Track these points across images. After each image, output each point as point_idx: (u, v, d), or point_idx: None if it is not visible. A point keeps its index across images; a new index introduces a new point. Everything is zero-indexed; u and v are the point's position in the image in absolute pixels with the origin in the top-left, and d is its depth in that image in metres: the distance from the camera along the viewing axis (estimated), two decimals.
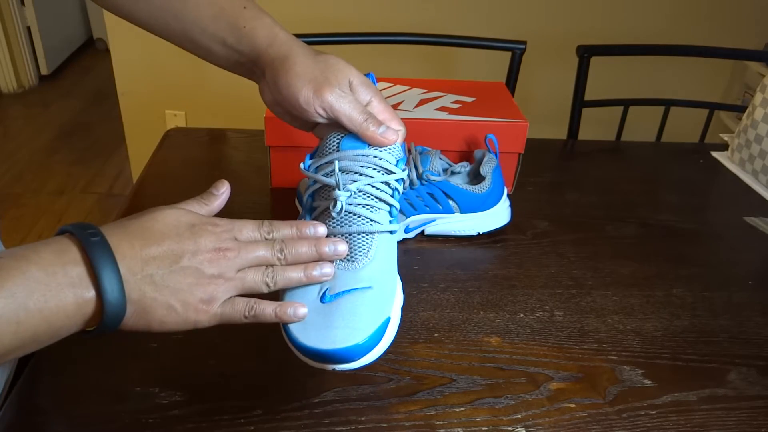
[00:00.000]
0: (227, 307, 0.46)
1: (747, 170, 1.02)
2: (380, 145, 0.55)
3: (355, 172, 0.54)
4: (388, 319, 0.51)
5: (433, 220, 0.79)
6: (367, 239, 0.53)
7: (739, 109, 1.36)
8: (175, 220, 0.46)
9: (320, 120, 0.56)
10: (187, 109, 2.06)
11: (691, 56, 1.34)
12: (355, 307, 0.50)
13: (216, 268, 0.45)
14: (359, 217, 0.53)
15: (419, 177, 0.76)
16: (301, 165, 0.56)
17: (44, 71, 3.29)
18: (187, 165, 0.97)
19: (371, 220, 0.53)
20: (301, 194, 0.81)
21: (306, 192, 0.57)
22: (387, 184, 0.55)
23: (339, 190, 0.52)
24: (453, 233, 0.81)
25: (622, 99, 1.31)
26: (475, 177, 0.82)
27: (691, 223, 0.89)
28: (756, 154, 1.00)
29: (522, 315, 0.69)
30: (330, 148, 0.56)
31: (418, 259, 0.77)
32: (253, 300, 0.47)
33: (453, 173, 0.80)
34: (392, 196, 0.55)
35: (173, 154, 1.00)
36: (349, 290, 0.51)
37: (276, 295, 0.51)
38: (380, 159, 0.55)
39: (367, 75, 0.59)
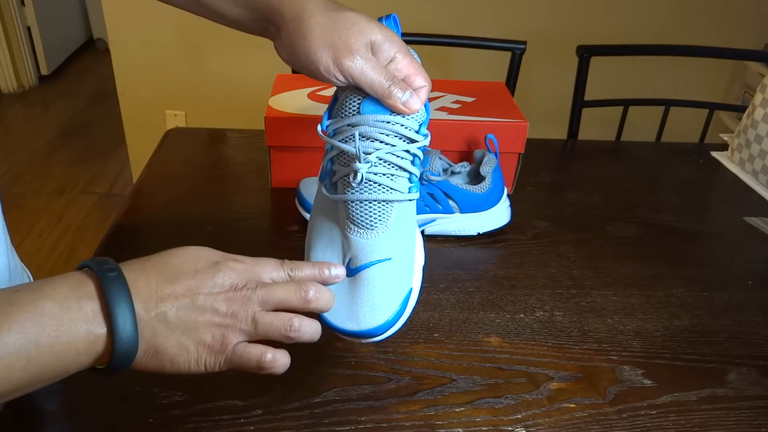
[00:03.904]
0: (239, 352, 0.44)
1: (747, 170, 1.02)
2: (403, 114, 0.52)
3: (376, 139, 0.52)
4: (410, 291, 0.52)
5: (433, 220, 0.79)
6: (386, 207, 0.53)
7: (739, 109, 1.36)
8: (196, 256, 0.45)
9: (341, 85, 0.54)
10: (187, 109, 2.06)
11: (691, 56, 1.34)
12: (377, 282, 0.50)
13: (231, 307, 0.43)
14: (379, 185, 0.52)
15: (419, 177, 0.76)
16: (319, 127, 0.54)
17: (44, 71, 3.29)
18: (187, 165, 0.97)
19: (391, 189, 0.53)
20: (301, 194, 0.81)
21: (325, 156, 0.55)
22: (408, 151, 0.53)
23: (359, 162, 0.51)
24: (453, 233, 0.81)
25: (622, 99, 1.31)
26: (475, 177, 0.82)
27: (691, 223, 0.89)
28: (756, 154, 1.00)
29: (522, 315, 0.69)
30: (350, 110, 0.53)
31: None
32: (270, 350, 0.45)
33: (453, 173, 0.80)
34: (413, 163, 0.54)
35: (173, 154, 1.00)
36: (370, 263, 0.51)
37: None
38: (403, 126, 0.53)
39: (388, 18, 0.56)
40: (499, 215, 0.81)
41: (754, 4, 1.95)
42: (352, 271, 0.51)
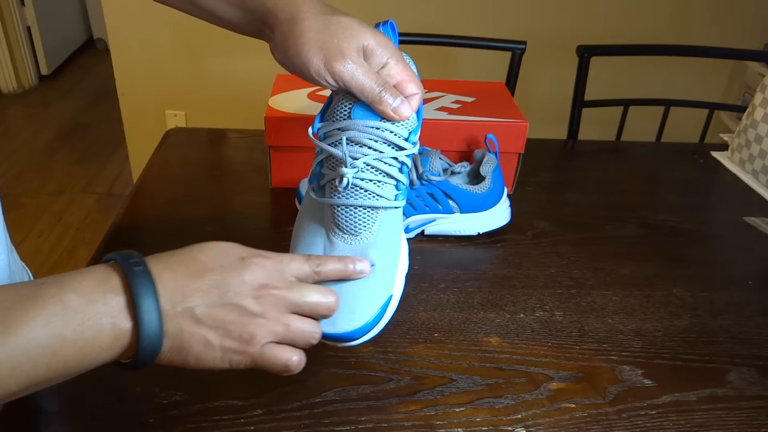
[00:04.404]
0: (267, 353, 0.44)
1: (747, 170, 1.02)
2: (393, 121, 0.52)
3: (365, 145, 0.52)
4: (390, 298, 0.51)
5: (433, 220, 0.79)
6: (372, 214, 0.53)
7: (739, 109, 1.36)
8: (223, 252, 0.44)
9: (333, 88, 0.54)
10: (187, 109, 2.06)
11: (691, 56, 1.34)
12: (357, 288, 0.50)
13: (260, 306, 0.43)
14: (365, 191, 0.52)
15: (419, 177, 0.76)
16: (310, 129, 0.54)
17: (44, 71, 3.29)
18: (187, 165, 0.97)
19: (377, 195, 0.52)
20: (301, 194, 0.81)
21: (315, 159, 0.55)
22: (396, 158, 0.53)
23: (346, 167, 0.51)
24: (453, 233, 0.81)
25: (622, 99, 1.31)
26: (475, 177, 0.82)
27: (691, 223, 0.89)
28: (756, 154, 1.00)
29: (522, 315, 0.69)
30: (341, 114, 0.53)
31: (418, 259, 0.77)
32: (296, 353, 0.45)
33: (453, 173, 0.80)
34: (400, 170, 0.53)
35: (173, 154, 1.00)
36: None
37: None
38: (392, 133, 0.52)
39: (386, 24, 0.56)
40: (499, 215, 0.81)
41: (754, 4, 1.95)
42: None
